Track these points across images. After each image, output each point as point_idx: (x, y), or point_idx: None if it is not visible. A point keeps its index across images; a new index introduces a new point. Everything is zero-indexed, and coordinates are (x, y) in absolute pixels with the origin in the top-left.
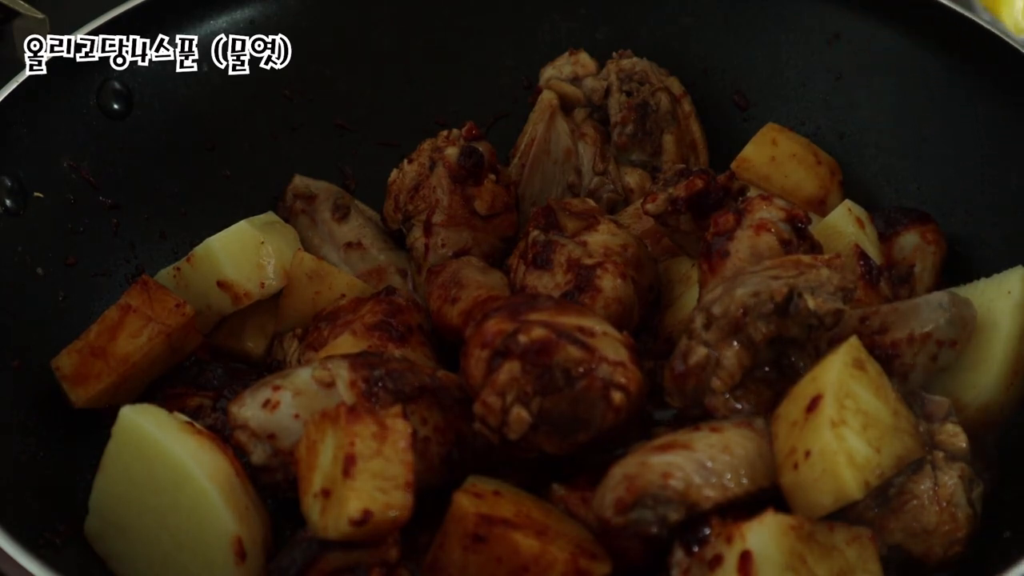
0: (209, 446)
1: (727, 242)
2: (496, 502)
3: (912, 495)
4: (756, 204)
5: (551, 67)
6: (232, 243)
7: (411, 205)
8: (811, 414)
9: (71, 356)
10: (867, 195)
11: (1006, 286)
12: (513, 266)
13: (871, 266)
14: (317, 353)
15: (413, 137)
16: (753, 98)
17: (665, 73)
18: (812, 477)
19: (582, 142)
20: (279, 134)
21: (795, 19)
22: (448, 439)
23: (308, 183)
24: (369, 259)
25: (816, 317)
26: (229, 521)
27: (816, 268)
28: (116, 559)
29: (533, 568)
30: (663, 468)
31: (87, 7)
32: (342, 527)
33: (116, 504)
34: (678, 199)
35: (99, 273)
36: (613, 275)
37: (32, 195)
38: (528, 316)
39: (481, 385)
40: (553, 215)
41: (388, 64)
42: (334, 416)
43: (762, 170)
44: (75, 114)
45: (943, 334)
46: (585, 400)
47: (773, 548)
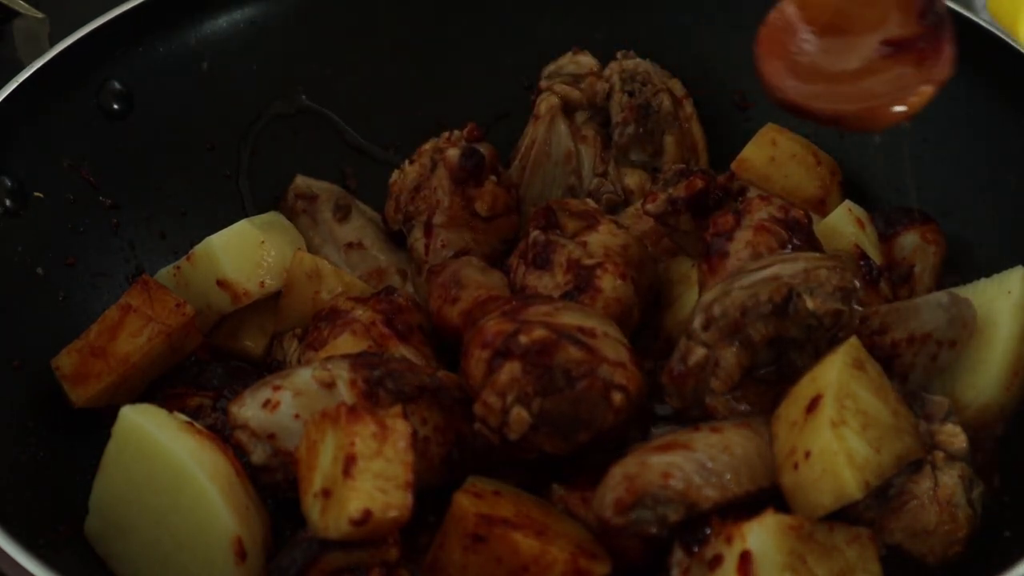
0: (209, 446)
1: (726, 242)
2: (496, 502)
3: (912, 495)
4: (756, 204)
5: (553, 66)
6: (232, 242)
7: (412, 206)
8: (811, 414)
9: (71, 356)
10: (867, 195)
11: (1006, 286)
12: (513, 266)
13: (871, 266)
14: (317, 353)
15: (413, 137)
16: (753, 98)
17: (667, 74)
18: (812, 477)
19: (583, 144)
20: (279, 134)
21: None
22: (448, 439)
23: (310, 183)
24: (370, 259)
25: (815, 317)
26: (229, 521)
27: (816, 268)
28: (116, 559)
29: (533, 568)
30: (663, 468)
31: (87, 7)
32: (342, 527)
33: (116, 504)
34: (678, 199)
35: (99, 273)
36: (613, 275)
37: (32, 195)
38: (528, 316)
39: (481, 385)
40: (553, 215)
41: (388, 64)
42: (334, 416)
43: (762, 170)
44: (75, 114)
45: (943, 334)
46: (585, 400)
47: (773, 548)
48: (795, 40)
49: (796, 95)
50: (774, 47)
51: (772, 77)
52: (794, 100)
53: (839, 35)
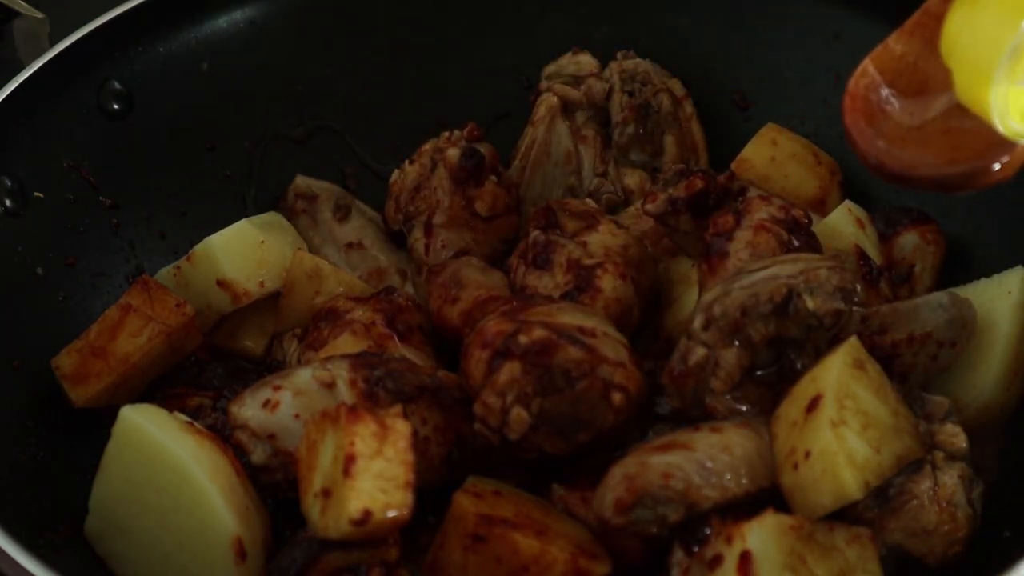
0: (209, 446)
1: (726, 242)
2: (496, 502)
3: (912, 495)
4: (755, 204)
5: (553, 66)
6: (232, 242)
7: (412, 206)
8: (811, 414)
9: (71, 355)
10: (867, 195)
11: (1006, 286)
12: (513, 266)
13: (871, 266)
14: (317, 353)
15: (413, 137)
16: (753, 98)
17: (667, 74)
18: (812, 477)
19: (583, 144)
20: (279, 134)
21: (795, 19)
22: (448, 439)
23: (310, 183)
24: (370, 259)
25: (815, 317)
26: (229, 521)
27: (815, 268)
28: (116, 559)
29: (533, 568)
30: (663, 468)
31: (87, 7)
32: (342, 527)
33: (116, 504)
34: (678, 199)
35: (99, 273)
36: (613, 275)
37: (32, 195)
38: (528, 316)
39: (481, 385)
40: (553, 215)
41: (388, 64)
42: (334, 416)
43: (762, 170)
44: (75, 114)
45: (943, 334)
46: (585, 401)
47: (773, 548)
48: (882, 102)
49: (895, 163)
50: (862, 114)
51: (865, 145)
52: (891, 167)
53: (923, 93)
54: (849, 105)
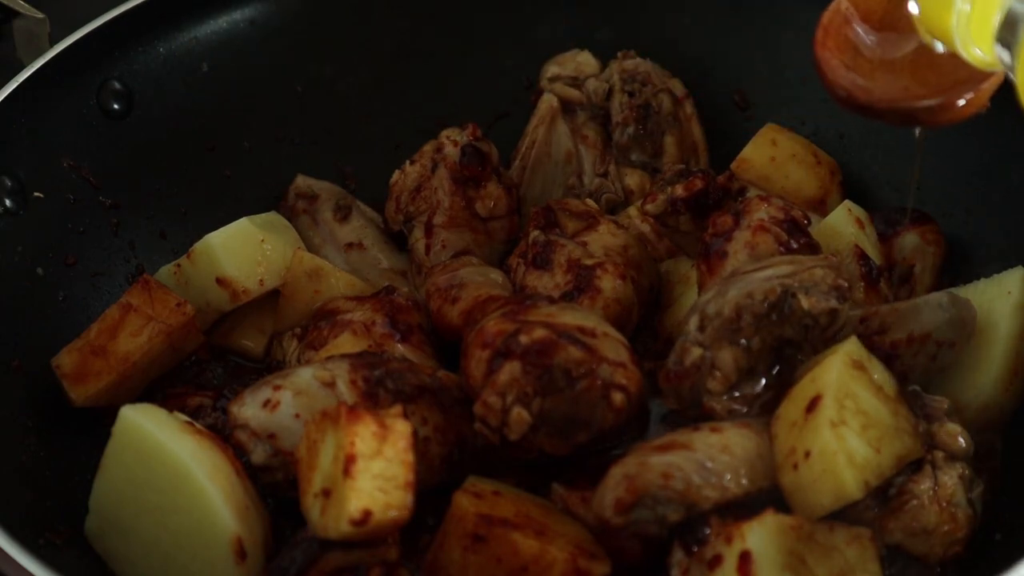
0: (209, 446)
1: (725, 243)
2: (496, 502)
3: (912, 495)
4: (754, 205)
5: (554, 66)
6: (232, 240)
7: (412, 206)
8: (811, 414)
9: (71, 355)
10: (867, 195)
11: (1006, 286)
12: (513, 266)
13: (871, 266)
14: (317, 352)
15: (414, 137)
16: (753, 98)
17: (667, 75)
18: (812, 477)
19: (583, 145)
20: (280, 134)
21: (795, 19)
22: (448, 439)
23: (310, 183)
24: (370, 259)
25: (810, 317)
26: (229, 521)
27: (810, 268)
28: (116, 559)
29: (533, 568)
30: (663, 468)
31: (87, 7)
32: (342, 527)
33: (116, 504)
34: (678, 199)
35: (99, 273)
36: (613, 275)
37: (32, 195)
38: (529, 316)
39: (481, 385)
40: (553, 215)
41: (388, 64)
42: (334, 416)
43: (762, 170)
44: (75, 114)
45: (943, 334)
46: (585, 401)
47: (773, 548)
48: (854, 36)
49: (862, 94)
50: (833, 47)
51: (834, 76)
52: (859, 98)
53: (894, 30)
54: (821, 37)
